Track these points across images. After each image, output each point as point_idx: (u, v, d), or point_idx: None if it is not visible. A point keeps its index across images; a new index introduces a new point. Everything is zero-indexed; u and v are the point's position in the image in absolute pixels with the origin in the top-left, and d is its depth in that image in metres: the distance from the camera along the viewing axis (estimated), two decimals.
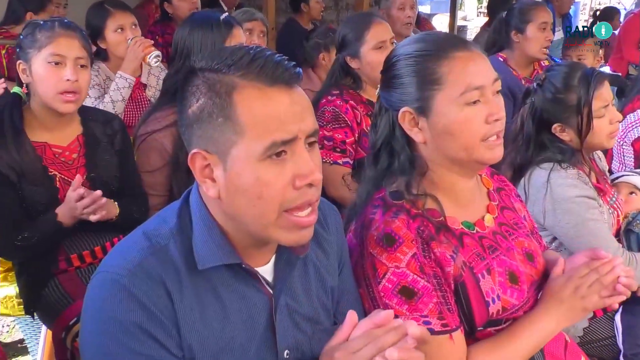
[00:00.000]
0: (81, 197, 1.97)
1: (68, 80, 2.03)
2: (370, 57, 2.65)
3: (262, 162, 1.05)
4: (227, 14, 2.36)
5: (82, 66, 2.09)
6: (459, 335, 1.36)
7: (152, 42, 2.94)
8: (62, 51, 2.04)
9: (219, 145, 1.06)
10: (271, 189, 1.06)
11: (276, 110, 1.05)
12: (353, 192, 2.55)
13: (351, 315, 1.10)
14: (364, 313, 1.35)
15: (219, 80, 1.07)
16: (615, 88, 3.78)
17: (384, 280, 1.34)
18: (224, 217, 1.14)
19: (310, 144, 1.11)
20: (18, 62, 2.08)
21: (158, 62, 2.89)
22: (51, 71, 2.03)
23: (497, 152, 1.40)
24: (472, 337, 1.42)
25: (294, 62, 1.10)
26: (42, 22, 2.08)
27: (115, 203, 2.12)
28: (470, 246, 1.41)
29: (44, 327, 2.29)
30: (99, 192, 1.99)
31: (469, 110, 1.36)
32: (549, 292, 1.45)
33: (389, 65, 1.46)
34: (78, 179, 1.98)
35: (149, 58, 2.85)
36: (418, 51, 1.41)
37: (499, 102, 1.40)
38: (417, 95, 1.39)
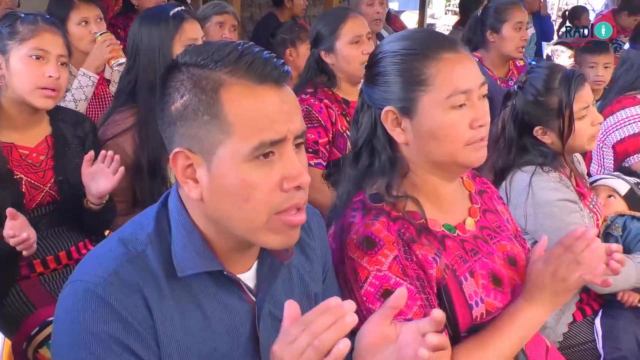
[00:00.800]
0: (11, 236, 1.79)
1: (50, 77, 1.94)
2: (346, 51, 2.60)
3: (249, 163, 1.01)
4: (181, 7, 2.25)
5: (63, 64, 2.00)
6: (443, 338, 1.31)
7: (122, 46, 2.81)
8: (46, 46, 1.96)
9: (204, 144, 1.02)
10: (258, 191, 1.02)
11: (265, 110, 1.01)
12: (328, 193, 2.52)
13: (289, 305, 0.99)
14: None
15: (205, 76, 1.02)
16: None
17: (366, 285, 1.30)
18: (205, 221, 1.09)
19: (297, 145, 1.07)
20: None
21: (121, 69, 2.78)
22: (32, 66, 1.94)
23: (481, 154, 1.37)
24: (457, 342, 1.37)
25: (281, 60, 1.06)
26: (22, 15, 1.99)
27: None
28: (452, 249, 1.39)
29: (1, 336, 2.18)
30: (25, 235, 1.79)
31: (454, 114, 1.33)
32: (529, 279, 1.40)
33: (374, 62, 1.41)
34: (10, 211, 1.79)
35: (114, 63, 2.75)
36: (405, 49, 1.37)
37: (484, 106, 1.36)
38: (402, 95, 1.35)
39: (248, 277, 1.15)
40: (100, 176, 1.94)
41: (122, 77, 2.30)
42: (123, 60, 2.73)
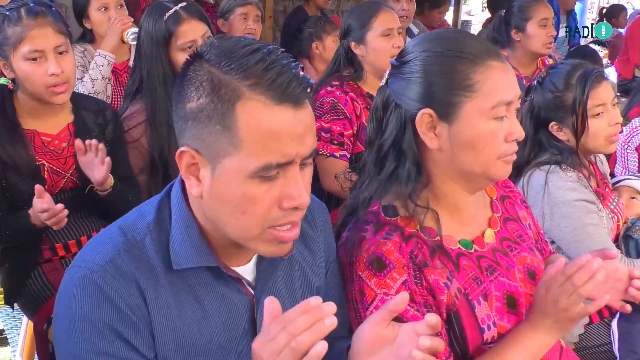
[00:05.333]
0: (44, 210, 1.86)
1: (53, 74, 1.93)
2: (377, 43, 2.61)
3: (252, 180, 1.00)
4: (182, 4, 2.24)
5: (62, 52, 1.97)
6: None
7: (132, 19, 2.84)
8: (38, 46, 1.91)
9: (212, 150, 1.01)
10: (257, 206, 1.02)
11: (278, 131, 0.99)
12: (346, 189, 2.53)
13: (269, 302, 0.98)
14: (348, 318, 1.32)
15: (226, 84, 0.99)
16: None
17: (371, 307, 1.27)
18: (203, 217, 1.10)
19: (304, 165, 1.05)
20: None
21: (136, 40, 2.81)
22: (33, 67, 1.93)
23: (509, 169, 1.34)
24: (466, 359, 1.36)
25: (307, 76, 1.03)
26: (7, 12, 1.92)
27: (110, 176, 2.02)
28: (466, 269, 1.34)
29: (24, 318, 2.24)
30: (60, 206, 1.87)
31: (494, 125, 1.28)
32: (534, 304, 1.34)
33: (409, 58, 1.34)
34: (38, 188, 1.86)
35: (127, 35, 2.76)
36: (450, 50, 1.29)
37: (517, 121, 1.34)
38: (444, 98, 1.28)
39: (247, 270, 1.16)
40: (92, 165, 1.97)
41: (130, 75, 2.34)
42: (135, 29, 2.70)
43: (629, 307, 1.34)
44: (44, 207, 1.84)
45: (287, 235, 1.06)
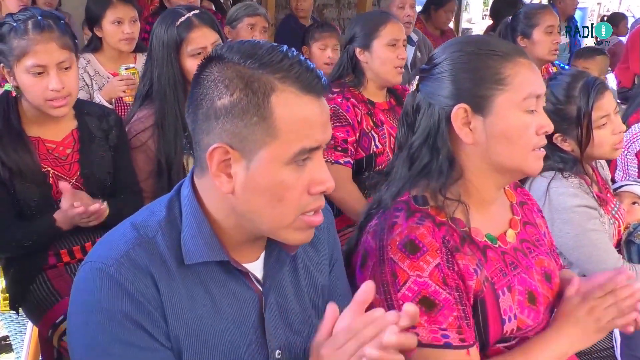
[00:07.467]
0: (80, 214, 1.90)
1: (53, 90, 1.94)
2: (382, 52, 2.64)
3: (287, 166, 1.07)
4: (195, 11, 2.28)
5: (66, 68, 1.97)
6: (474, 351, 1.32)
7: (136, 86, 2.81)
8: (42, 61, 1.92)
9: (248, 143, 1.06)
10: (291, 192, 1.08)
11: (309, 118, 1.07)
12: (355, 194, 2.54)
13: (331, 307, 1.07)
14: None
15: (257, 78, 1.05)
16: None
17: (403, 289, 1.30)
18: (227, 212, 1.13)
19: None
20: (0, 64, 2.00)
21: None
22: (35, 81, 1.94)
23: (540, 164, 1.40)
24: (482, 353, 1.38)
25: (321, 72, 1.11)
26: (14, 24, 1.93)
27: (105, 204, 2.03)
28: (493, 260, 1.38)
29: (29, 324, 2.25)
30: (97, 206, 1.92)
31: (526, 117, 1.34)
32: (563, 312, 1.41)
33: (441, 60, 1.40)
34: (66, 187, 1.91)
35: (126, 100, 2.83)
36: (481, 49, 1.37)
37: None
38: (476, 92, 1.34)
39: (255, 267, 1.19)
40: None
41: (140, 79, 2.37)
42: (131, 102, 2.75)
43: (631, 328, 1.40)
44: (79, 211, 1.88)
45: (316, 219, 1.13)
